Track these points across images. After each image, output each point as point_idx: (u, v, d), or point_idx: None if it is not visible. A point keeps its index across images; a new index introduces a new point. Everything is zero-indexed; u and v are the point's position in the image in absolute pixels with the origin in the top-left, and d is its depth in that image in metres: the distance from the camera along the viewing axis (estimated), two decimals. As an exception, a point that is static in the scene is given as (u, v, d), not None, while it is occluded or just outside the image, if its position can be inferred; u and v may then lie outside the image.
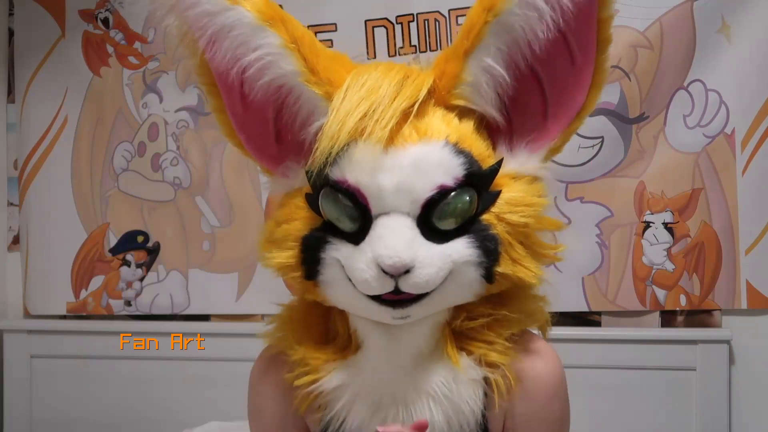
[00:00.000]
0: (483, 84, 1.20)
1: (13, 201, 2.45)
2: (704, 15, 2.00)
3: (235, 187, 2.28)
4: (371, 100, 1.15)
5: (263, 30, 1.20)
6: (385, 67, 1.21)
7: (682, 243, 2.05)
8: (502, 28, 1.18)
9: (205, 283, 2.30)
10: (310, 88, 1.20)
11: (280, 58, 1.20)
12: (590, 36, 1.24)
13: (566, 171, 2.07)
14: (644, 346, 2.04)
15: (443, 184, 1.15)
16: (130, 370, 2.29)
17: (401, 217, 1.15)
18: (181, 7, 1.21)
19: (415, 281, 1.13)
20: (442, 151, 1.16)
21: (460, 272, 1.16)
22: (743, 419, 2.03)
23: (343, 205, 1.17)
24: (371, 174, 1.15)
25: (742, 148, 2.02)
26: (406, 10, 2.12)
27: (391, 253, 1.12)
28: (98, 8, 2.35)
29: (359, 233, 1.16)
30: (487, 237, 1.17)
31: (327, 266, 1.18)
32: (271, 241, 1.25)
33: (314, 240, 1.19)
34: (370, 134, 1.13)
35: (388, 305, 1.16)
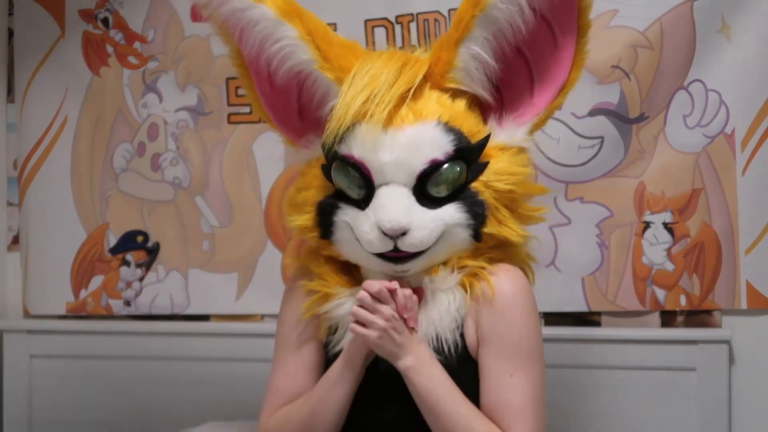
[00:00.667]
0: (473, 69, 1.42)
1: (13, 201, 2.45)
2: (704, 15, 2.00)
3: (235, 187, 2.28)
4: (373, 86, 1.36)
5: (282, 24, 1.43)
6: (387, 56, 1.44)
7: (682, 243, 2.05)
8: (488, 21, 1.38)
9: (205, 283, 2.30)
10: (323, 73, 1.44)
11: (298, 48, 1.44)
12: (572, 22, 1.44)
13: (566, 171, 2.07)
14: (644, 346, 2.04)
15: (435, 159, 1.37)
16: (130, 370, 2.29)
17: (399, 187, 1.37)
18: (214, 5, 1.47)
19: (411, 242, 1.36)
20: (434, 130, 1.38)
21: (451, 233, 1.39)
22: (743, 419, 2.03)
23: (351, 176, 1.40)
24: (373, 150, 1.37)
25: (742, 148, 2.02)
26: (406, 10, 2.12)
27: (390, 218, 1.34)
28: (98, 8, 2.35)
29: (365, 200, 1.39)
30: (476, 202, 1.39)
31: (339, 228, 1.42)
32: (293, 206, 1.50)
33: (327, 205, 1.43)
34: (372, 116, 1.35)
35: (390, 261, 1.39)
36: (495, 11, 1.37)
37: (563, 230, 2.08)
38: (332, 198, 1.43)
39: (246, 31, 1.46)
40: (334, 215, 1.42)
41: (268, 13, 1.44)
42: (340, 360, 1.43)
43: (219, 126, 2.28)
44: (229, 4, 1.45)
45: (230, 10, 1.46)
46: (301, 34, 1.44)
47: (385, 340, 1.35)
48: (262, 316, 2.28)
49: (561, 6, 1.40)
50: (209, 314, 2.31)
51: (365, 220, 1.38)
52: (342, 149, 1.39)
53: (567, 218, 2.07)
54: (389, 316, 1.34)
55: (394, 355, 1.36)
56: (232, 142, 2.27)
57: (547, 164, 2.06)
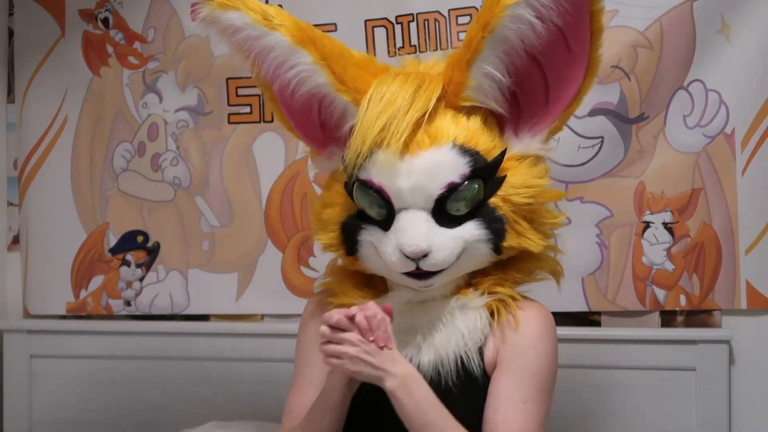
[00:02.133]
0: (486, 86, 1.43)
1: (13, 201, 2.45)
2: (704, 15, 2.00)
3: (235, 187, 2.28)
4: (388, 114, 1.39)
5: (297, 51, 1.46)
6: (402, 78, 1.45)
7: (682, 243, 2.05)
8: (498, 40, 1.39)
9: (205, 283, 2.30)
10: (340, 95, 1.46)
11: (313, 73, 1.46)
12: (584, 27, 1.43)
13: (566, 171, 2.07)
14: (644, 346, 2.04)
15: (452, 182, 1.39)
16: (130, 370, 2.29)
17: (418, 211, 1.40)
18: (228, 32, 1.50)
19: (433, 262, 1.39)
20: (450, 153, 1.40)
21: (472, 248, 1.42)
22: (743, 419, 2.03)
23: (372, 197, 1.42)
24: (390, 178, 1.40)
25: (742, 148, 2.02)
26: (406, 10, 2.12)
27: (410, 242, 1.38)
28: (98, 8, 2.35)
29: (386, 221, 1.42)
30: (494, 218, 1.42)
31: (363, 246, 1.45)
32: (319, 221, 1.53)
33: (350, 226, 1.46)
34: (388, 145, 1.38)
35: (414, 278, 1.42)
36: (505, 31, 1.38)
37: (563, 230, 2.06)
38: (355, 218, 1.46)
39: (261, 57, 1.48)
40: (357, 235, 1.45)
41: (282, 40, 1.45)
42: (323, 390, 1.44)
43: (219, 126, 2.28)
44: (242, 32, 1.47)
45: (244, 38, 1.48)
46: (316, 60, 1.45)
47: (361, 366, 1.35)
48: (262, 316, 2.28)
49: (572, 12, 1.39)
50: (209, 314, 2.31)
51: (387, 242, 1.41)
52: (362, 174, 1.42)
53: (567, 218, 2.07)
54: (356, 341, 1.35)
55: (376, 378, 1.36)
56: (232, 142, 2.27)
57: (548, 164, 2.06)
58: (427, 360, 1.43)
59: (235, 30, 1.48)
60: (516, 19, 1.36)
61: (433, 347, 1.43)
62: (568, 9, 1.38)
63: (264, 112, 2.24)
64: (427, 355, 1.43)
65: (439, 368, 1.42)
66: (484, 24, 1.38)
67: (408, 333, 1.45)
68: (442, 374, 1.42)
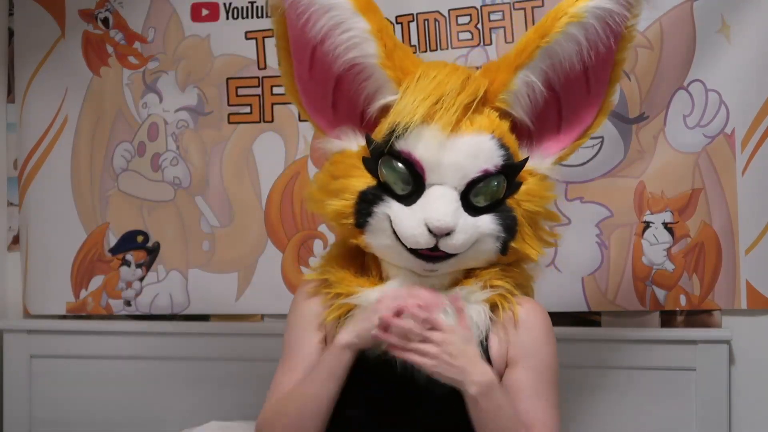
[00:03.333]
0: (524, 94, 1.50)
1: (13, 201, 2.45)
2: (704, 15, 2.00)
3: (235, 187, 2.28)
4: (440, 92, 1.44)
5: (357, 16, 1.47)
6: (452, 67, 1.51)
7: (682, 243, 2.05)
8: (549, 54, 1.47)
9: (205, 283, 2.30)
10: (384, 71, 1.48)
11: (365, 41, 1.47)
12: (606, 72, 1.55)
13: (566, 171, 2.05)
14: (644, 346, 2.04)
15: (487, 169, 1.45)
16: (130, 370, 2.29)
17: (450, 190, 1.44)
18: None
19: (453, 243, 1.42)
20: (491, 143, 1.46)
21: (483, 241, 1.46)
22: (743, 419, 2.03)
23: (400, 171, 1.45)
24: (435, 151, 1.43)
25: (742, 148, 2.02)
26: (406, 10, 2.12)
27: (440, 216, 1.41)
28: (98, 8, 2.35)
29: (410, 196, 1.45)
30: (510, 217, 1.47)
31: (377, 219, 1.46)
32: (326, 191, 1.52)
33: (371, 195, 1.47)
34: (440, 119, 1.42)
35: (422, 259, 1.44)
36: (557, 46, 1.47)
37: (563, 230, 2.06)
38: (376, 189, 1.47)
39: (316, 15, 1.47)
40: (375, 206, 1.46)
41: (344, 2, 1.47)
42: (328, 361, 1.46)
43: (219, 126, 2.28)
44: None
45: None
46: (373, 29, 1.47)
47: (444, 368, 1.39)
48: (262, 316, 2.28)
49: (600, 58, 1.50)
50: (209, 314, 2.31)
51: (411, 215, 1.43)
52: (400, 145, 1.44)
53: (567, 218, 2.07)
54: (439, 340, 1.39)
55: (458, 383, 1.39)
56: (232, 142, 2.27)
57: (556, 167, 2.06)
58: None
59: None
60: (570, 38, 1.46)
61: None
62: (607, 45, 1.49)
63: (264, 112, 2.24)
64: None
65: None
66: (543, 33, 1.47)
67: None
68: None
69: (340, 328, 1.50)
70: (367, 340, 1.43)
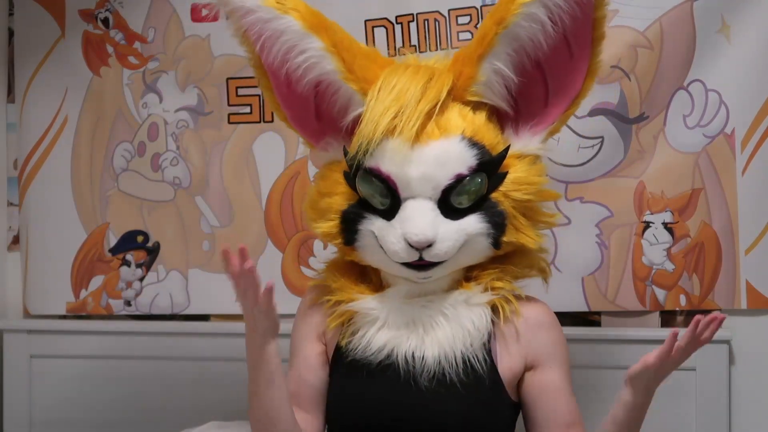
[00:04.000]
0: (494, 83, 1.46)
1: (13, 201, 2.45)
2: (704, 15, 2.00)
3: (235, 187, 2.28)
4: (400, 102, 1.40)
5: (308, 36, 1.45)
6: (412, 70, 1.46)
7: (682, 243, 2.05)
8: (510, 38, 1.43)
9: (205, 283, 2.29)
10: (347, 84, 1.46)
11: (323, 59, 1.46)
12: (587, 33, 1.47)
13: (566, 171, 2.07)
14: (644, 346, 2.03)
15: (460, 173, 1.41)
16: (130, 370, 2.29)
17: (425, 201, 1.41)
18: (239, 14, 1.48)
19: (436, 253, 1.40)
20: (459, 145, 1.42)
21: (473, 241, 1.43)
22: (743, 419, 2.03)
23: (375, 186, 1.43)
24: (400, 166, 1.40)
25: (742, 148, 2.02)
26: (406, 10, 2.12)
27: (417, 231, 1.38)
28: (98, 8, 2.35)
29: (390, 211, 1.43)
30: (496, 213, 1.43)
31: (363, 236, 1.45)
32: (315, 210, 1.53)
33: (352, 214, 1.46)
34: (400, 133, 1.39)
35: (413, 269, 1.43)
36: (518, 28, 1.41)
37: (563, 230, 2.07)
38: (356, 207, 1.46)
39: (269, 41, 1.47)
40: (358, 224, 1.45)
41: (294, 24, 1.45)
42: (252, 370, 1.45)
43: (219, 126, 2.28)
44: (253, 14, 1.47)
45: (255, 20, 1.47)
46: (327, 46, 1.45)
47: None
48: (262, 316, 2.28)
49: (577, 18, 1.43)
50: (209, 314, 2.31)
51: (392, 231, 1.42)
52: (369, 162, 1.42)
53: (567, 218, 2.07)
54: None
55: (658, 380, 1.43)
56: (232, 142, 2.27)
57: (547, 164, 2.05)
58: (432, 355, 1.43)
59: (246, 12, 1.47)
60: (529, 18, 1.40)
61: (438, 342, 1.44)
62: (577, 13, 1.41)
63: (264, 112, 2.24)
64: (432, 350, 1.44)
65: (443, 364, 1.43)
66: (499, 19, 1.41)
67: (408, 326, 1.46)
68: (447, 370, 1.43)
69: (344, 335, 1.50)
70: (250, 316, 1.41)
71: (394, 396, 1.44)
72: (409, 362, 1.44)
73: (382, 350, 1.44)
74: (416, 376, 1.42)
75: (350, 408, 1.49)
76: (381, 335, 1.46)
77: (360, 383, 1.47)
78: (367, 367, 1.46)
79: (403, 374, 1.43)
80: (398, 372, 1.44)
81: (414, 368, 1.43)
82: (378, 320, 1.47)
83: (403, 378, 1.43)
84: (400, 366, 1.43)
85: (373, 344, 1.46)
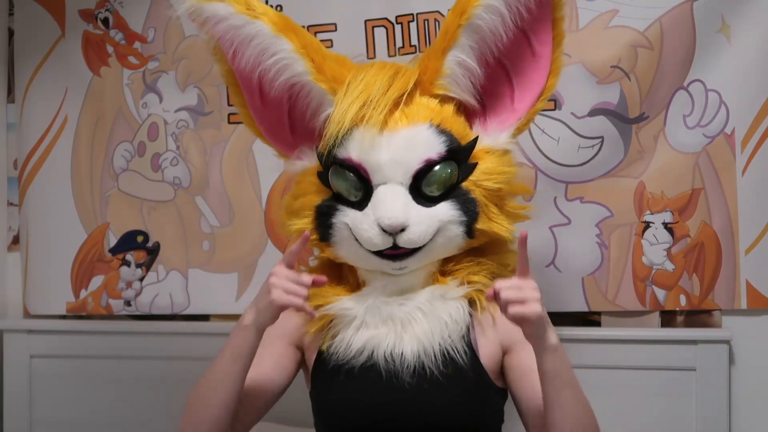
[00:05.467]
0: (459, 76, 1.50)
1: (13, 201, 2.45)
2: (704, 15, 2.00)
3: (235, 187, 2.28)
4: (368, 93, 1.44)
5: (279, 38, 1.50)
6: (379, 66, 1.52)
7: (682, 243, 2.05)
8: (472, 30, 1.47)
9: (205, 283, 2.30)
10: (318, 84, 1.50)
11: (293, 61, 1.49)
12: (547, 32, 1.53)
13: (566, 171, 2.07)
14: (644, 346, 2.04)
15: (429, 158, 1.45)
16: (130, 370, 2.29)
17: (396, 186, 1.44)
18: (210, 23, 1.52)
19: (410, 237, 1.43)
20: (428, 132, 1.46)
21: (446, 229, 1.46)
22: (743, 419, 2.03)
23: (348, 179, 1.47)
24: (371, 151, 1.44)
25: (742, 148, 2.02)
26: (406, 10, 2.12)
27: (389, 215, 1.41)
28: (98, 8, 2.35)
29: (362, 201, 1.46)
30: (467, 200, 1.46)
31: (337, 229, 1.48)
32: (290, 212, 1.56)
33: (326, 208, 1.49)
34: (369, 119, 1.43)
35: (388, 259, 1.46)
36: (479, 20, 1.46)
37: (563, 230, 2.08)
38: (330, 200, 1.49)
39: (242, 47, 1.51)
40: (332, 217, 1.49)
41: (264, 28, 1.49)
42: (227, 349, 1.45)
43: (219, 126, 2.28)
44: (225, 21, 1.50)
45: (227, 27, 1.51)
46: (297, 48, 1.49)
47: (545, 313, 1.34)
48: (262, 316, 2.28)
49: (537, 18, 1.50)
50: (209, 314, 2.31)
51: (365, 219, 1.45)
52: (340, 153, 1.46)
53: (567, 218, 2.07)
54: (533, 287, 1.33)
55: (545, 331, 1.35)
56: (232, 142, 2.27)
57: (547, 164, 2.07)
58: (410, 350, 1.45)
59: (218, 20, 1.51)
60: (489, 9, 1.45)
61: (416, 337, 1.45)
62: (534, 9, 1.49)
63: (264, 112, 2.24)
64: (410, 345, 1.45)
65: (423, 358, 1.44)
66: (461, 12, 1.47)
67: (386, 323, 1.47)
68: (427, 364, 1.44)
69: (324, 339, 1.52)
70: (267, 314, 1.40)
71: (378, 397, 1.45)
72: (389, 361, 1.45)
73: (362, 352, 1.46)
74: (398, 374, 1.44)
75: (339, 413, 1.49)
76: (359, 336, 1.47)
77: (344, 387, 1.48)
78: (349, 371, 1.47)
79: (384, 374, 1.45)
80: (380, 372, 1.45)
81: (395, 366, 1.44)
82: (355, 320, 1.48)
83: (385, 377, 1.45)
84: (380, 366, 1.45)
85: (353, 346, 1.47)
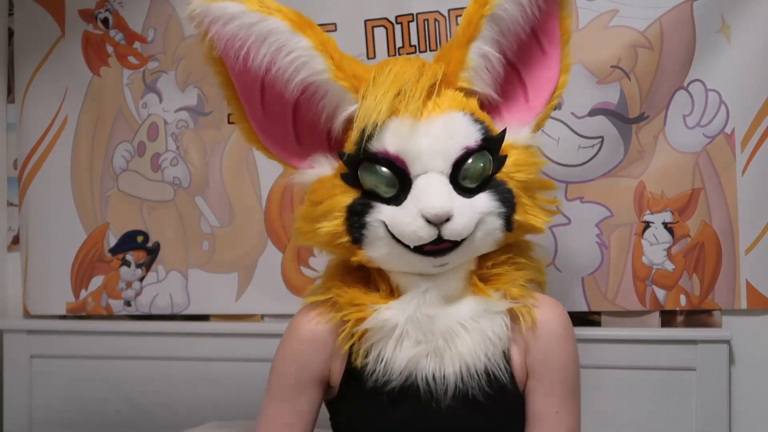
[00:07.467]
0: (483, 68, 1.47)
1: (13, 201, 2.45)
2: (704, 15, 2.00)
3: (235, 187, 2.28)
4: (400, 82, 1.40)
5: (296, 36, 1.41)
6: (404, 59, 1.50)
7: (682, 243, 2.05)
8: (495, 20, 1.45)
9: (205, 283, 2.30)
10: (338, 83, 1.43)
11: (311, 58, 1.42)
12: (555, 30, 1.53)
13: (566, 171, 2.07)
14: (644, 346, 2.04)
15: (468, 146, 1.40)
16: (130, 370, 2.29)
17: (437, 175, 1.38)
18: (219, 23, 1.42)
19: (455, 227, 1.36)
20: (464, 119, 1.42)
21: (486, 221, 1.40)
22: (743, 419, 2.03)
23: (381, 175, 1.39)
24: (410, 141, 1.38)
25: (742, 148, 2.02)
26: (406, 10, 2.12)
27: (435, 204, 1.34)
28: (98, 8, 2.35)
29: (398, 196, 1.39)
30: (504, 190, 1.42)
31: (371, 228, 1.39)
32: (312, 219, 1.46)
33: (359, 206, 1.40)
34: (407, 108, 1.38)
35: (429, 255, 1.38)
36: (501, 11, 1.44)
37: (563, 230, 2.08)
38: (363, 198, 1.41)
39: (255, 46, 1.41)
40: (367, 215, 1.39)
41: (280, 25, 1.40)
42: None
43: (219, 126, 2.28)
44: (237, 20, 1.41)
45: (238, 26, 1.41)
46: (315, 45, 1.41)
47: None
48: (262, 316, 2.28)
49: (545, 17, 1.51)
50: (209, 314, 2.31)
51: (405, 212, 1.36)
52: (373, 147, 1.38)
53: (567, 218, 2.07)
54: None
55: None
56: (232, 142, 2.27)
57: (547, 164, 2.06)
58: (453, 371, 1.39)
59: (228, 19, 1.41)
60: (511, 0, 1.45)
61: (459, 356, 1.39)
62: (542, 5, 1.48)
63: (264, 112, 2.24)
64: (452, 365, 1.39)
65: (466, 379, 1.39)
66: (483, 2, 1.44)
67: (428, 341, 1.40)
68: (469, 385, 1.39)
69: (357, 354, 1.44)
70: None
71: (418, 421, 1.40)
72: (430, 383, 1.38)
73: (402, 372, 1.39)
74: (438, 397, 1.38)
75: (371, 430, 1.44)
76: (400, 355, 1.39)
77: (382, 410, 1.41)
78: (388, 393, 1.40)
79: (423, 396, 1.39)
80: (419, 394, 1.39)
81: (435, 387, 1.38)
82: (395, 331, 1.40)
83: (424, 399, 1.39)
84: (420, 388, 1.39)
85: (393, 367, 1.39)
